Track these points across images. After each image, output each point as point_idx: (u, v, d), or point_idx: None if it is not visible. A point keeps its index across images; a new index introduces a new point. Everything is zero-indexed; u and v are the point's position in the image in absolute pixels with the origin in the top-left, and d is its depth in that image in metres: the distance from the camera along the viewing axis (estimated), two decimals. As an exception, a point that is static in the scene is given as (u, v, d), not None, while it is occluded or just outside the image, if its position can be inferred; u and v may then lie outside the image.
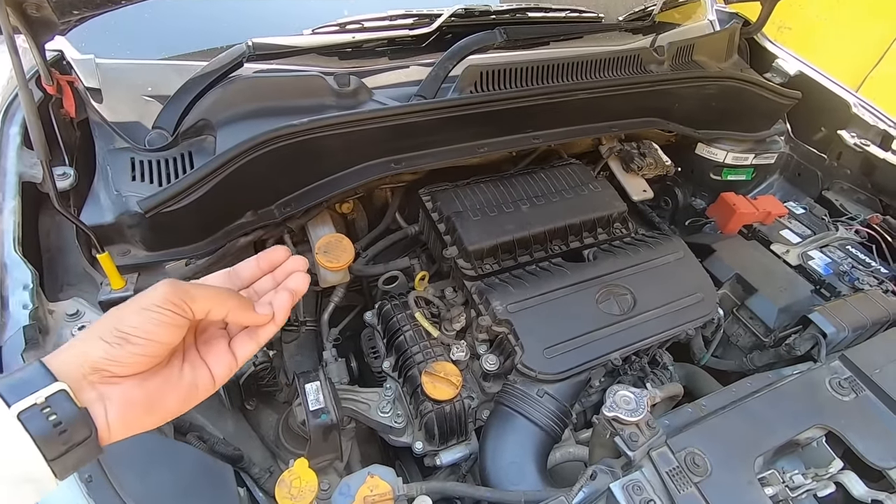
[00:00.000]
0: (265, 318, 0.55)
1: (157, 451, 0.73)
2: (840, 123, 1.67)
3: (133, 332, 0.47)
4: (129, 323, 0.47)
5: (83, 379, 0.46)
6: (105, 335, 0.46)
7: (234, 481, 0.76)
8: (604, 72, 1.46)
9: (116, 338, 0.46)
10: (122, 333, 0.47)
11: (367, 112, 1.14)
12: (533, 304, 1.12)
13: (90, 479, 0.62)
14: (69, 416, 0.44)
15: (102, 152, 1.09)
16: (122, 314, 0.48)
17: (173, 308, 0.48)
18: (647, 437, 0.85)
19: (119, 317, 0.47)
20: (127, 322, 0.47)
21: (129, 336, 0.47)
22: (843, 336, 1.13)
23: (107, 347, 0.46)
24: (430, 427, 1.06)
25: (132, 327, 0.47)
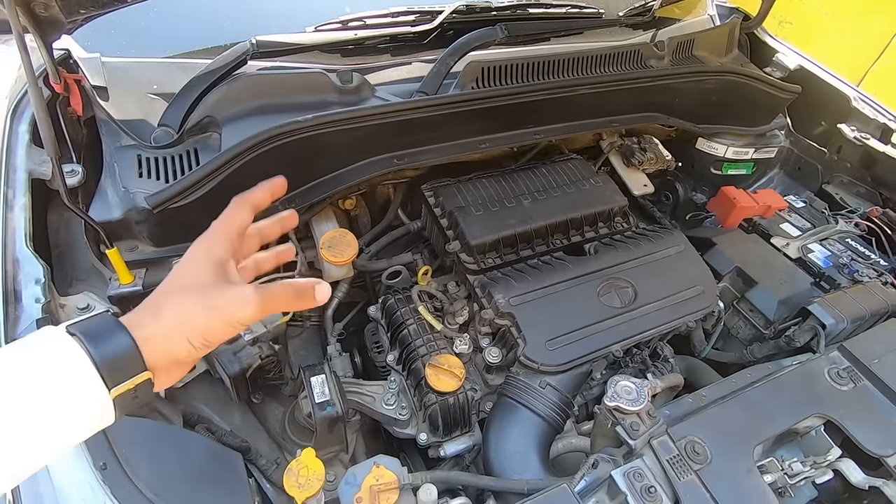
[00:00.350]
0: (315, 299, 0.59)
1: (169, 439, 0.75)
2: (840, 117, 1.68)
3: (218, 342, 0.54)
4: (217, 335, 0.53)
5: (163, 368, 0.52)
6: (193, 339, 0.51)
7: (244, 469, 0.77)
8: (604, 67, 1.47)
9: (203, 345, 0.52)
10: (208, 343, 0.52)
11: (370, 108, 1.16)
12: (535, 297, 1.13)
13: (104, 466, 0.63)
14: (144, 393, 0.50)
15: (109, 149, 1.10)
16: (213, 326, 0.52)
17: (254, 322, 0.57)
18: (648, 426, 0.86)
19: (211, 329, 0.52)
20: (216, 334, 0.52)
21: (214, 345, 0.53)
22: (842, 327, 1.14)
23: (191, 350, 0.52)
24: (434, 418, 1.07)
25: (220, 339, 0.53)
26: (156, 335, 0.50)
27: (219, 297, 0.53)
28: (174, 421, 0.90)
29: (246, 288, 0.54)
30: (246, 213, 0.62)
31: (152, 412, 0.91)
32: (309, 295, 0.58)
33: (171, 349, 0.51)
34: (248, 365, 1.06)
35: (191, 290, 0.53)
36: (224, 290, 0.53)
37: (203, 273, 0.54)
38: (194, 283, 0.53)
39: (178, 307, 0.52)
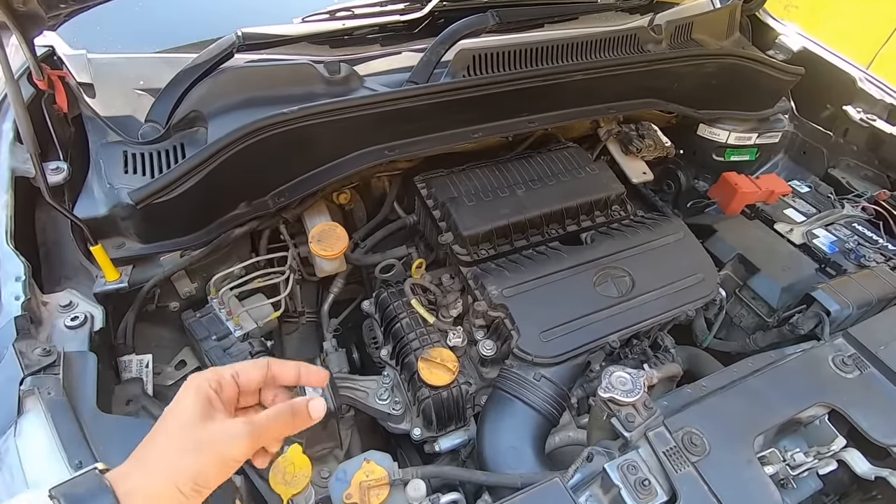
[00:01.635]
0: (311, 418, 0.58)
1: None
2: (846, 99, 1.63)
3: (212, 487, 0.50)
4: (210, 479, 0.50)
5: None
6: (183, 486, 0.48)
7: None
8: (600, 52, 1.43)
9: (194, 491, 0.49)
10: (199, 488, 0.49)
11: (358, 99, 1.14)
12: (529, 287, 1.10)
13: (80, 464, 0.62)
14: None
15: (95, 146, 1.09)
16: (204, 470, 0.49)
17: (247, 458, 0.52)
18: (644, 418, 0.84)
19: (201, 473, 0.49)
20: (208, 478, 0.49)
21: (206, 490, 0.50)
22: (847, 313, 1.11)
23: (182, 499, 0.48)
24: (428, 413, 1.05)
25: (213, 482, 0.50)
26: (140, 489, 0.48)
27: (207, 435, 0.50)
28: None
29: (234, 423, 0.52)
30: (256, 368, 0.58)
31: (140, 410, 0.90)
32: (303, 414, 0.57)
33: (158, 500, 0.48)
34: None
35: (175, 432, 0.50)
36: (210, 428, 0.50)
37: (187, 412, 0.51)
38: (178, 424, 0.51)
39: (162, 452, 0.50)
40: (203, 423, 0.51)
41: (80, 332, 0.85)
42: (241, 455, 0.51)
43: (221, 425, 0.51)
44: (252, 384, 0.57)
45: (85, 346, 0.83)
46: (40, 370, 0.72)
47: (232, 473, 0.51)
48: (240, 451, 0.51)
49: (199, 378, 0.54)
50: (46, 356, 0.74)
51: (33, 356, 0.74)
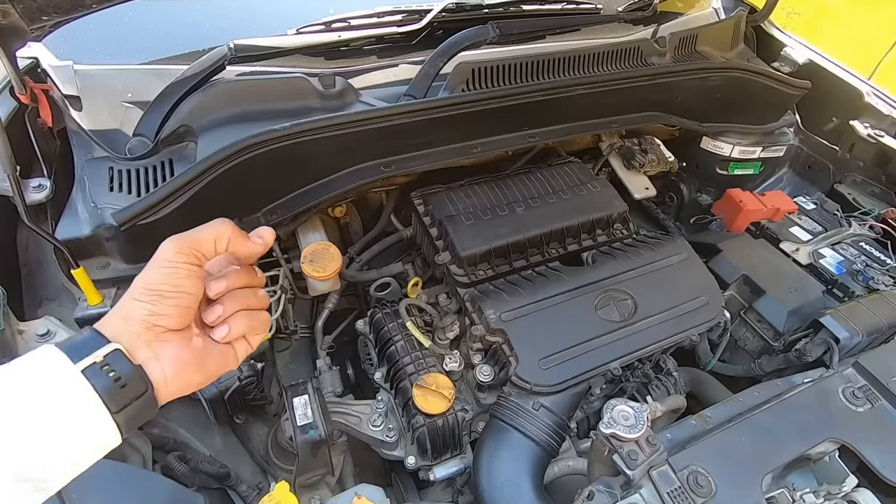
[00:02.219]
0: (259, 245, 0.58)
1: (125, 480, 0.70)
2: (852, 113, 1.60)
3: (163, 287, 0.51)
4: (154, 280, 0.51)
5: (136, 339, 0.50)
6: (139, 296, 0.51)
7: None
8: (603, 65, 1.40)
9: (150, 295, 0.50)
10: (153, 290, 0.51)
11: (354, 114, 1.10)
12: (528, 311, 1.07)
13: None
14: (127, 372, 0.48)
15: (80, 162, 1.06)
16: (145, 276, 0.52)
17: (186, 258, 0.52)
18: (648, 455, 0.80)
19: (144, 278, 0.51)
20: (153, 280, 0.51)
21: (161, 291, 0.51)
22: (856, 341, 1.07)
23: (146, 305, 0.50)
24: (423, 441, 1.02)
25: (159, 283, 0.51)
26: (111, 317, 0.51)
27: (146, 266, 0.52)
28: (143, 451, 0.86)
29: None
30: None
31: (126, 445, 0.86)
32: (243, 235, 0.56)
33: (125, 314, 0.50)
34: (226, 387, 1.01)
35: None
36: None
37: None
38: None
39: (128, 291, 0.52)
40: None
41: (59, 361, 0.80)
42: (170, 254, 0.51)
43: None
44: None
45: (63, 376, 0.79)
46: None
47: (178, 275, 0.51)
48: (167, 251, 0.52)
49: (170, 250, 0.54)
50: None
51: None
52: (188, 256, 0.52)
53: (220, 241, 0.54)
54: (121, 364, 0.48)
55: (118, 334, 0.50)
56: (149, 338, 0.51)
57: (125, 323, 0.50)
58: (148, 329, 0.50)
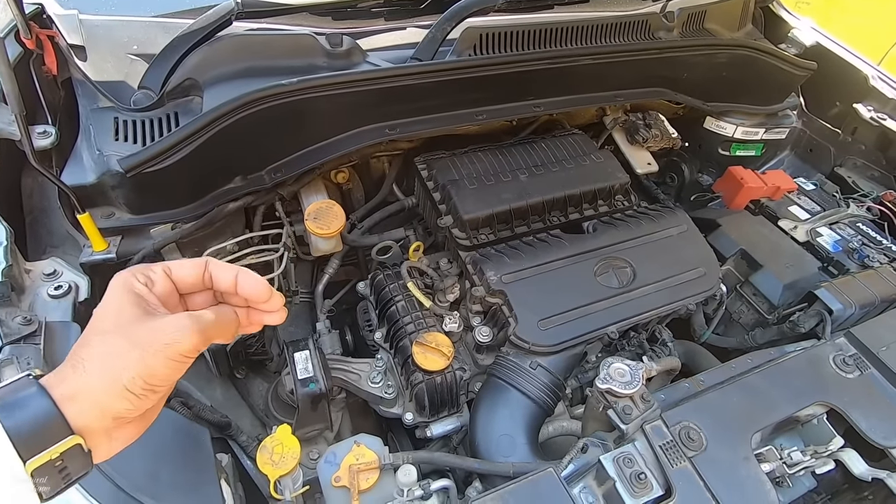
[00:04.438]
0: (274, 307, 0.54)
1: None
2: (857, 96, 1.60)
3: (163, 384, 0.46)
4: (159, 376, 0.45)
5: (100, 430, 0.44)
6: (133, 388, 0.44)
7: (210, 444, 0.74)
8: (610, 38, 1.40)
9: (145, 391, 0.44)
10: (151, 387, 0.45)
11: (360, 73, 1.10)
12: (528, 275, 1.08)
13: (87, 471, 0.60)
14: (77, 464, 0.43)
15: (85, 111, 1.05)
16: (152, 366, 0.44)
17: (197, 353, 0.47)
18: (642, 411, 0.82)
19: (149, 369, 0.44)
20: (159, 375, 0.45)
21: (158, 387, 0.46)
22: (849, 313, 1.09)
23: (134, 400, 0.44)
24: (421, 398, 1.04)
25: (163, 379, 0.45)
26: (81, 391, 0.42)
27: (149, 332, 0.45)
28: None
29: (177, 316, 0.47)
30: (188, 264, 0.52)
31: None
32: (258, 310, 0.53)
33: (105, 403, 0.43)
34: (229, 339, 1.02)
35: (111, 331, 0.45)
36: (153, 322, 0.46)
37: (123, 310, 0.46)
38: (114, 323, 0.45)
39: (102, 352, 0.44)
40: (141, 319, 0.46)
41: (64, 301, 0.82)
42: (189, 349, 0.46)
43: (164, 319, 0.46)
44: (187, 282, 0.51)
45: (68, 316, 0.80)
46: (20, 339, 0.69)
47: (184, 371, 0.47)
48: (187, 345, 0.46)
49: (124, 274, 0.48)
50: (27, 325, 0.71)
51: (13, 325, 0.71)
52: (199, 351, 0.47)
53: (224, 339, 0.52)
54: (75, 458, 0.42)
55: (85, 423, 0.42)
56: (113, 427, 0.45)
57: (99, 412, 0.43)
58: (117, 420, 0.44)
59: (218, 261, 0.53)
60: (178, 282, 0.51)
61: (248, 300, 0.53)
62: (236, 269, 0.53)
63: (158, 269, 0.50)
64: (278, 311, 0.54)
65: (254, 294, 0.53)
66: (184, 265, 0.52)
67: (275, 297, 0.54)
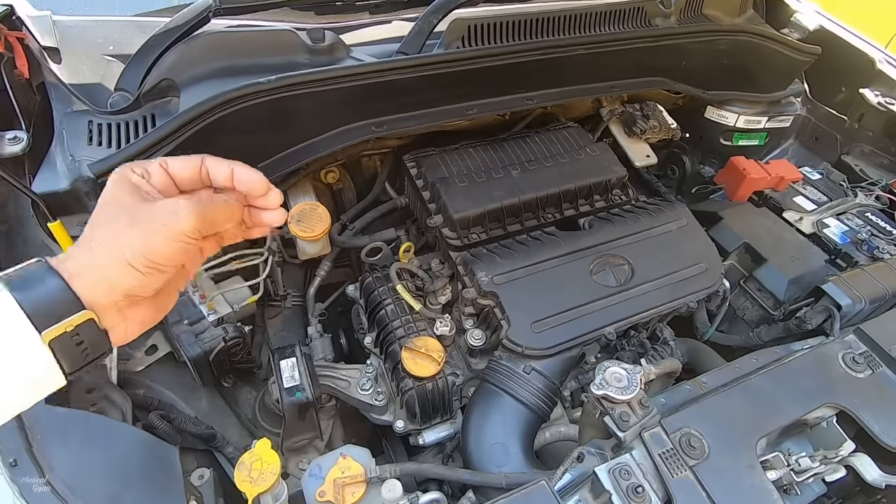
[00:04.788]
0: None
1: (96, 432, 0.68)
2: (863, 81, 1.54)
3: (166, 263, 0.47)
4: (161, 254, 0.47)
5: (112, 307, 0.46)
6: (136, 264, 0.45)
7: (178, 464, 0.70)
8: (604, 26, 1.35)
9: (149, 269, 0.46)
10: (155, 265, 0.46)
11: (343, 68, 1.06)
12: (521, 275, 1.04)
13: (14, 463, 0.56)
14: (94, 340, 0.45)
15: (59, 115, 1.02)
16: (152, 243, 0.46)
17: (200, 237, 0.49)
18: (640, 417, 0.78)
19: (150, 246, 0.46)
20: (160, 253, 0.46)
21: (163, 266, 0.47)
22: (859, 308, 1.04)
23: (139, 277, 0.46)
24: (411, 405, 1.00)
25: (165, 258, 0.47)
26: (88, 266, 0.44)
27: (148, 212, 0.47)
28: (123, 408, 0.84)
29: (176, 199, 0.48)
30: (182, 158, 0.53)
31: (103, 399, 0.84)
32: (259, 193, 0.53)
33: (112, 278, 0.45)
34: (211, 348, 0.99)
35: (113, 214, 0.47)
36: (153, 205, 0.47)
37: (123, 197, 0.48)
38: (115, 207, 0.47)
39: (106, 232, 0.46)
40: (141, 203, 0.47)
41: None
42: (190, 228, 0.47)
43: (162, 202, 0.48)
44: (184, 175, 0.52)
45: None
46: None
47: (187, 252, 0.48)
48: (189, 225, 0.47)
49: (122, 168, 0.50)
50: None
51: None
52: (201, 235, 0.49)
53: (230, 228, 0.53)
54: (90, 333, 0.45)
55: (95, 298, 0.45)
56: (124, 305, 0.47)
57: (107, 287, 0.45)
58: (128, 298, 0.47)
59: (214, 157, 0.54)
60: (174, 175, 0.52)
61: (247, 194, 0.54)
62: (232, 163, 0.54)
63: (154, 163, 0.51)
64: (277, 209, 0.56)
65: (251, 187, 0.54)
66: (179, 159, 0.53)
67: (272, 192, 0.55)
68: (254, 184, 0.54)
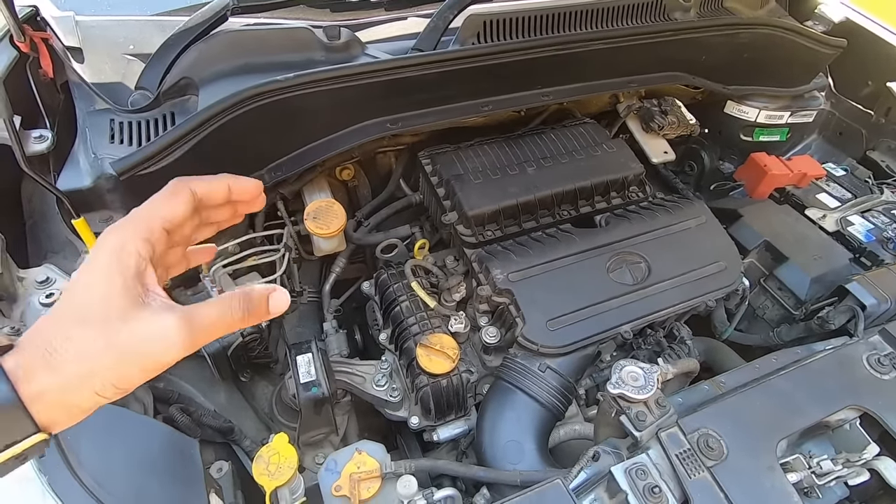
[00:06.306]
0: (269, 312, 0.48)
1: (119, 426, 0.70)
2: (890, 74, 1.50)
3: (135, 386, 0.43)
4: (135, 382, 0.42)
5: (66, 422, 0.42)
6: (103, 392, 0.41)
7: (199, 456, 0.72)
8: (622, 20, 1.32)
9: (115, 394, 0.41)
10: (122, 390, 0.42)
11: (359, 66, 1.06)
12: (537, 272, 1.03)
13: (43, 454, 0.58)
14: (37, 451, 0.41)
15: (82, 114, 1.04)
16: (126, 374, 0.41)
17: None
18: (657, 417, 0.77)
19: (123, 376, 0.41)
20: (133, 382, 0.42)
21: (129, 390, 0.43)
22: (884, 308, 1.02)
23: (103, 402, 0.41)
24: (426, 401, 1.00)
25: (135, 384, 0.42)
26: (49, 390, 0.39)
27: (131, 336, 0.41)
28: (144, 401, 0.86)
29: (167, 319, 0.42)
30: (181, 202, 0.48)
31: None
32: (261, 309, 0.46)
33: (75, 403, 0.41)
34: (229, 343, 1.00)
35: (95, 325, 0.40)
36: (138, 325, 0.41)
37: (112, 295, 0.41)
38: (100, 313, 0.40)
39: (78, 354, 0.40)
40: (130, 315, 0.41)
41: (57, 309, 0.80)
42: (173, 360, 0.42)
43: (153, 321, 0.41)
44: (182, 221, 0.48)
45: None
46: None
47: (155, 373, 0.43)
48: (172, 357, 0.42)
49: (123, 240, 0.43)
50: (15, 335, 0.69)
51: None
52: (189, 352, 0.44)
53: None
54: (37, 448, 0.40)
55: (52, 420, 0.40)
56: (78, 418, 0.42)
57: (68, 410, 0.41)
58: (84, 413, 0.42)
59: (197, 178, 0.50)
60: (174, 230, 0.48)
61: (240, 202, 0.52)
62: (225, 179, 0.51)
63: (158, 229, 0.45)
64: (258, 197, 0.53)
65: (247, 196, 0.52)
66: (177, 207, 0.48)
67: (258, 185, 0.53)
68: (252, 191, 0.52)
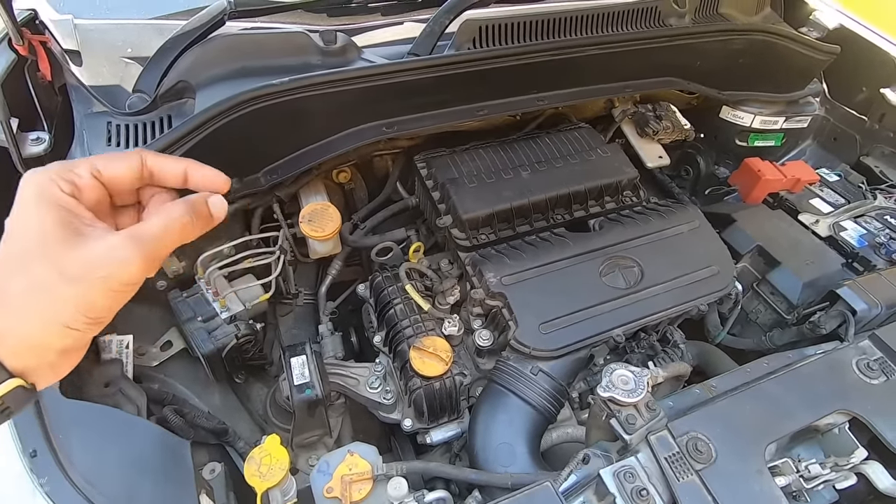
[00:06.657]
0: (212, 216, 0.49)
1: (111, 426, 0.70)
2: (884, 81, 1.51)
3: (109, 314, 0.42)
4: (103, 307, 0.41)
5: (44, 366, 0.41)
6: (74, 324, 0.39)
7: (190, 457, 0.72)
8: (617, 26, 1.34)
9: (89, 325, 0.41)
10: (93, 319, 0.41)
11: (355, 70, 1.07)
12: (530, 276, 1.04)
13: (34, 453, 0.58)
14: (20, 399, 0.40)
15: (80, 116, 1.05)
16: (90, 300, 0.40)
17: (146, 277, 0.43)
18: (646, 420, 0.78)
19: (89, 303, 0.40)
20: (101, 307, 0.41)
21: (104, 318, 0.42)
22: (875, 313, 1.03)
23: (76, 335, 0.40)
24: (419, 404, 1.01)
25: (108, 309, 0.41)
26: (9, 331, 0.38)
27: (81, 263, 0.39)
28: (138, 402, 0.86)
29: (112, 239, 0.40)
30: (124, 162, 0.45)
31: (118, 393, 0.86)
32: (203, 213, 0.46)
33: (45, 342, 0.39)
34: (224, 345, 1.01)
35: (40, 260, 0.38)
36: (84, 250, 0.39)
37: (47, 229, 0.39)
38: (38, 248, 0.38)
39: (28, 285, 0.38)
40: (72, 243, 0.39)
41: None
42: (134, 278, 0.41)
43: (99, 244, 0.40)
44: (122, 182, 0.45)
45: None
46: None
47: (129, 297, 0.42)
48: (131, 275, 0.40)
49: (41, 178, 0.41)
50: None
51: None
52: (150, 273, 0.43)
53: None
54: (17, 397, 0.39)
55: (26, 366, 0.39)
56: (57, 360, 0.41)
57: (40, 352, 0.40)
58: (62, 354, 0.41)
59: (157, 154, 0.47)
60: (110, 183, 0.44)
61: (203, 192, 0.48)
62: (185, 162, 0.47)
63: (85, 172, 0.43)
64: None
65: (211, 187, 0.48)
66: (115, 162, 0.45)
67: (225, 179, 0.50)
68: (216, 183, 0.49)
